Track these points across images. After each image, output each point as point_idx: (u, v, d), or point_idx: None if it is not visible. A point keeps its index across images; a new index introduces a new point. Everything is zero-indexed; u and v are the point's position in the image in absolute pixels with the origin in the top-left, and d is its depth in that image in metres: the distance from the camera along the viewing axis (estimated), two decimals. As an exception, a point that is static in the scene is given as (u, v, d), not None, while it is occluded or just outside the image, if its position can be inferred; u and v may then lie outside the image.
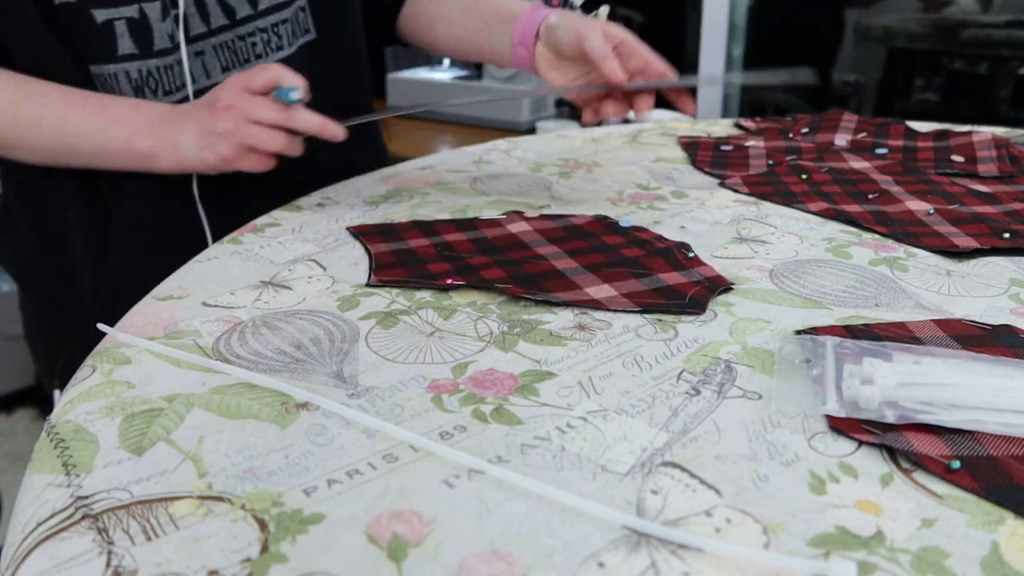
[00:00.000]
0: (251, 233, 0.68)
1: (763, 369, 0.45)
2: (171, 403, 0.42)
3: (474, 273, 0.58)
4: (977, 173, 0.82)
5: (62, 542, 0.33)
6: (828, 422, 0.40)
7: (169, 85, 0.73)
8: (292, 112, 0.67)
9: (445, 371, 0.45)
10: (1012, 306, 0.53)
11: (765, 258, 0.61)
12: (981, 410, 0.40)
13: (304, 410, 0.42)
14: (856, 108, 2.03)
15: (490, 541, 0.33)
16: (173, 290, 0.57)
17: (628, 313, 0.52)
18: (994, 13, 1.88)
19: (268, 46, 0.78)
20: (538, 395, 0.43)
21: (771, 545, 0.32)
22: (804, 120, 1.03)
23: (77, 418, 0.41)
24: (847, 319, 0.51)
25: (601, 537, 0.33)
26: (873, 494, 0.35)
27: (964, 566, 0.31)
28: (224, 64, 0.76)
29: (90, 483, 0.36)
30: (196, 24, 0.73)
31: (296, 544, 0.32)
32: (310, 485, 0.36)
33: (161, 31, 0.71)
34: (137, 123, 0.69)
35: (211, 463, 0.37)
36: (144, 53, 0.71)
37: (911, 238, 0.65)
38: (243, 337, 0.49)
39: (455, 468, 0.37)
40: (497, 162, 0.90)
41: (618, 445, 0.39)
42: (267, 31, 0.77)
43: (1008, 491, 0.35)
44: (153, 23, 0.71)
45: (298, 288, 0.57)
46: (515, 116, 2.03)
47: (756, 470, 0.37)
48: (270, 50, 0.78)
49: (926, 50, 1.96)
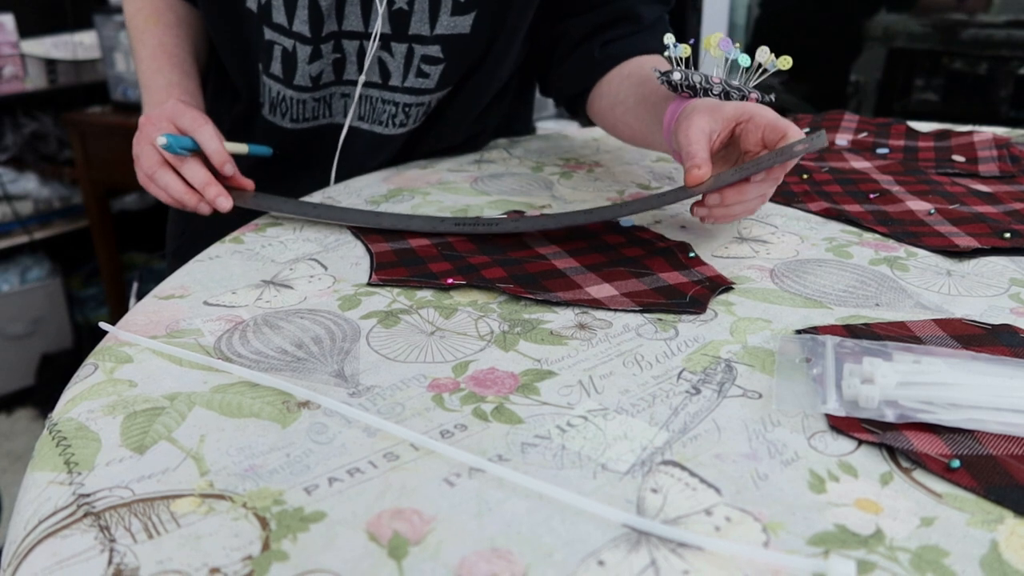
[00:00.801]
0: (252, 232, 0.68)
1: (763, 368, 0.45)
2: (173, 402, 0.42)
3: (475, 272, 0.58)
4: (978, 173, 0.82)
5: (64, 539, 0.33)
6: (828, 421, 0.40)
7: (296, 114, 0.84)
8: (184, 159, 0.73)
9: (446, 370, 0.46)
10: (1012, 306, 0.53)
11: (766, 258, 0.61)
12: (981, 409, 0.40)
13: (305, 409, 0.42)
14: (856, 108, 2.03)
15: (490, 539, 0.33)
16: (175, 289, 0.57)
17: (629, 312, 0.52)
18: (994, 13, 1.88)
19: (393, 120, 0.84)
20: (539, 394, 0.43)
21: (771, 544, 0.32)
22: (805, 120, 1.04)
23: (79, 416, 0.41)
24: (847, 318, 0.51)
25: (601, 535, 0.33)
26: (873, 493, 0.35)
27: (963, 565, 0.31)
28: (362, 113, 0.85)
29: (92, 481, 0.36)
30: (351, 72, 0.82)
31: (297, 542, 0.33)
32: (311, 483, 0.36)
33: (304, 71, 0.80)
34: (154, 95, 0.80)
35: (212, 461, 0.38)
36: (287, 81, 0.81)
37: (912, 238, 0.65)
38: (244, 336, 0.50)
39: (456, 467, 0.37)
40: (498, 162, 0.90)
41: (618, 444, 0.39)
42: (399, 106, 0.84)
43: (1008, 490, 0.35)
44: (300, 62, 0.80)
45: (299, 287, 0.57)
46: (516, 116, 2.03)
47: (756, 469, 0.37)
48: (393, 124, 0.85)
49: (926, 50, 1.96)
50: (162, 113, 0.75)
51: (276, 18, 0.77)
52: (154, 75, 0.82)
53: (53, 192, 2.13)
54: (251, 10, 0.78)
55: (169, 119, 0.74)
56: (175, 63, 0.83)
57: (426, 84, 0.82)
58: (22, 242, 2.09)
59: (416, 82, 0.82)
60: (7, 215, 2.05)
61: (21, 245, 2.10)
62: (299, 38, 0.78)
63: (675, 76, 0.67)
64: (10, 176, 2.07)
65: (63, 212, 2.14)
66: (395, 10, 0.78)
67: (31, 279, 2.14)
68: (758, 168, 0.58)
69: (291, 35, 0.78)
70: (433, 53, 0.80)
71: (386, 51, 0.80)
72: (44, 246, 2.18)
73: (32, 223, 2.10)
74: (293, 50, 0.79)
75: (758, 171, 0.58)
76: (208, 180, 0.73)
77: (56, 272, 2.19)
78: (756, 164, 0.58)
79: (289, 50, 0.79)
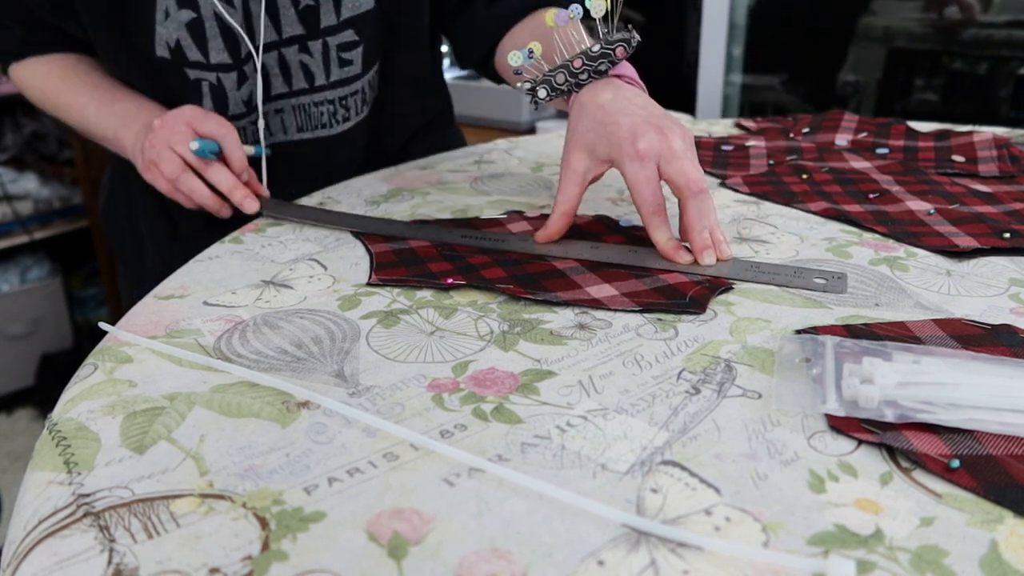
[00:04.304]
0: (252, 232, 0.68)
1: (763, 368, 0.45)
2: (172, 402, 0.42)
3: (475, 272, 0.58)
4: (978, 173, 0.82)
5: (64, 539, 0.33)
6: (828, 421, 0.40)
7: (243, 139, 0.81)
8: (210, 163, 0.73)
9: (446, 370, 0.46)
10: (1012, 306, 0.53)
11: (766, 258, 0.61)
12: (981, 409, 0.40)
13: (305, 409, 0.42)
14: (856, 108, 2.03)
15: (490, 539, 0.33)
16: (175, 289, 0.57)
17: (628, 312, 0.52)
18: (994, 13, 1.88)
19: (334, 117, 0.84)
20: (538, 394, 0.43)
21: (770, 543, 0.32)
22: (805, 120, 1.04)
23: (79, 416, 0.41)
24: (847, 318, 0.51)
25: (601, 535, 0.33)
26: (872, 493, 0.35)
27: (963, 565, 0.31)
28: (300, 124, 0.84)
29: (92, 481, 0.36)
30: (278, 85, 0.81)
31: (297, 542, 0.33)
32: (311, 483, 0.36)
33: (235, 98, 0.79)
34: (127, 118, 0.78)
35: (212, 461, 0.38)
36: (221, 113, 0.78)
37: (911, 238, 0.65)
38: (244, 336, 0.50)
39: (455, 466, 0.37)
40: (498, 162, 0.90)
41: (618, 444, 0.39)
42: (334, 103, 0.83)
43: (1007, 490, 0.35)
44: (229, 91, 0.79)
45: (299, 287, 0.57)
46: (516, 116, 2.03)
47: (756, 469, 0.37)
48: (336, 121, 0.84)
49: (926, 50, 1.96)
50: (179, 117, 0.73)
51: (192, 56, 0.76)
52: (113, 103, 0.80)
53: (53, 192, 2.13)
54: (164, 58, 0.75)
55: (188, 123, 0.73)
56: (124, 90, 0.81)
57: (352, 71, 0.81)
58: (22, 242, 2.09)
59: (341, 72, 0.81)
60: (7, 215, 2.05)
61: (21, 245, 2.11)
62: (220, 68, 0.77)
63: (540, 94, 0.66)
64: (10, 176, 2.07)
65: (63, 212, 2.14)
66: (302, 8, 0.77)
67: (31, 279, 2.14)
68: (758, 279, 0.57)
69: (211, 68, 0.77)
70: (348, 38, 0.79)
71: (304, 53, 0.79)
72: (44, 246, 2.18)
73: (32, 223, 2.10)
74: (219, 82, 0.77)
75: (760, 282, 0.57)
76: (235, 184, 0.73)
77: (56, 272, 2.19)
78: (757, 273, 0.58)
79: (215, 83, 0.77)
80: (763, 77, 2.14)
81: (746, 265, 0.59)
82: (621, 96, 0.63)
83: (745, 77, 2.17)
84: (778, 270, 0.58)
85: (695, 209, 0.58)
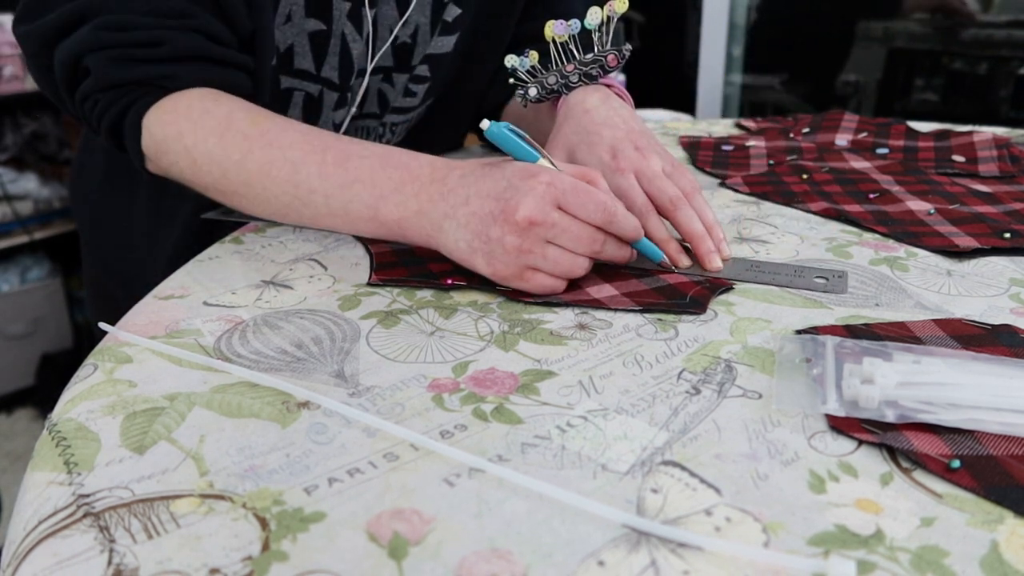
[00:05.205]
0: (252, 233, 0.68)
1: (763, 368, 0.45)
2: (172, 402, 0.42)
3: (475, 272, 0.58)
4: (978, 173, 0.82)
5: (64, 540, 0.33)
6: (828, 421, 0.40)
7: None
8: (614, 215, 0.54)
9: (446, 370, 0.46)
10: (1012, 306, 0.53)
11: (766, 258, 0.61)
12: (981, 409, 0.40)
13: (305, 409, 0.42)
14: (856, 108, 2.03)
15: (490, 539, 0.33)
16: (174, 289, 0.57)
17: (629, 312, 0.52)
18: (994, 13, 1.88)
19: (381, 139, 0.84)
20: (538, 394, 0.43)
21: (771, 544, 0.32)
22: (805, 120, 1.04)
23: (79, 416, 0.41)
24: (847, 319, 0.51)
25: (601, 536, 0.33)
26: (873, 493, 0.35)
27: (963, 565, 0.31)
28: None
29: (92, 481, 0.36)
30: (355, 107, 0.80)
31: (297, 542, 0.33)
32: (311, 484, 0.36)
33: (329, 117, 0.77)
34: (385, 186, 0.57)
35: (212, 462, 0.38)
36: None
37: (912, 238, 0.65)
38: (244, 336, 0.50)
39: (456, 467, 0.37)
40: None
41: (618, 444, 0.39)
42: (386, 126, 0.85)
43: (1008, 490, 0.35)
44: (326, 108, 0.76)
45: (299, 287, 0.57)
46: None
47: (756, 469, 0.37)
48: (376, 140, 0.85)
49: (926, 50, 1.96)
50: (545, 202, 0.52)
51: (299, 64, 0.71)
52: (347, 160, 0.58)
53: (53, 192, 2.13)
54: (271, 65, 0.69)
55: (558, 204, 0.52)
56: (338, 139, 0.61)
57: (412, 103, 0.83)
58: (22, 242, 2.09)
59: (404, 102, 0.83)
60: (7, 215, 2.05)
61: (21, 245, 2.11)
62: (328, 84, 0.74)
63: (531, 92, 0.69)
64: (10, 176, 2.07)
65: (63, 212, 2.14)
66: (398, 44, 0.78)
67: (31, 279, 2.14)
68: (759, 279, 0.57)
69: (318, 80, 0.74)
70: (421, 73, 0.81)
71: (387, 83, 0.80)
72: (44, 246, 2.18)
73: (32, 223, 2.10)
74: (319, 96, 0.75)
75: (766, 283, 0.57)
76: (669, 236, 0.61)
77: (56, 272, 2.19)
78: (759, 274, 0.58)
79: (315, 96, 0.74)
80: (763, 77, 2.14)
81: (746, 265, 0.59)
82: (607, 105, 0.66)
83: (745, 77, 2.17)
84: (778, 270, 0.58)
85: (684, 217, 0.60)
